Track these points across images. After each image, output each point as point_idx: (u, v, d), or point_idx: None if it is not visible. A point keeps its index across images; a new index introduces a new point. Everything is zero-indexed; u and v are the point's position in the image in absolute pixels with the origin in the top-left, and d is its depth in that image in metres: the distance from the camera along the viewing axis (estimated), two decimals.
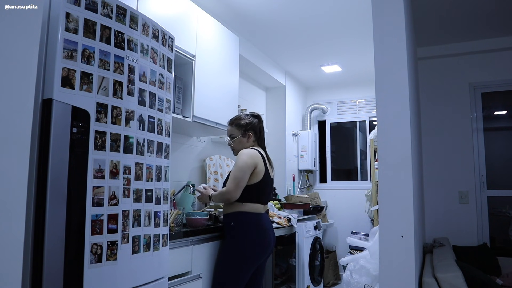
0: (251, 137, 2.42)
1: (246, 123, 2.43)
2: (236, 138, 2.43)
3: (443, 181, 3.74)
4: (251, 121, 2.44)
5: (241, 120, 2.45)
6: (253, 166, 2.27)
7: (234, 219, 2.27)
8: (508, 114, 4.01)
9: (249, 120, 2.44)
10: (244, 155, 2.29)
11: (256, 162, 2.28)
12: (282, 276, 3.72)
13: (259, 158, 2.32)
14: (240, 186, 2.22)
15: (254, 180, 2.28)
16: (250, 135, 2.42)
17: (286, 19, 3.49)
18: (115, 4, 1.51)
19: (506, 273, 3.03)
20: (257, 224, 2.27)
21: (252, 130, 2.43)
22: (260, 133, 2.48)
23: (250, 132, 2.42)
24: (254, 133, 2.43)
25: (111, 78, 1.48)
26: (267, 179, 2.37)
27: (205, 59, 2.79)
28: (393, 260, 1.91)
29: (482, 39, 3.69)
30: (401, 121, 1.98)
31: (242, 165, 2.24)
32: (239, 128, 2.42)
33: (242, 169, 2.23)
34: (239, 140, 2.43)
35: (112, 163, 1.46)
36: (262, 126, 2.50)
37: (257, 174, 2.29)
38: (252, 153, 2.31)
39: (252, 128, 2.43)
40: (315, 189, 5.42)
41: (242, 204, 2.26)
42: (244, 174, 2.23)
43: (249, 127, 2.42)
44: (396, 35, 2.03)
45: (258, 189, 2.30)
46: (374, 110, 4.10)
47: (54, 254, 1.27)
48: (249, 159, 2.27)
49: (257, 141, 2.46)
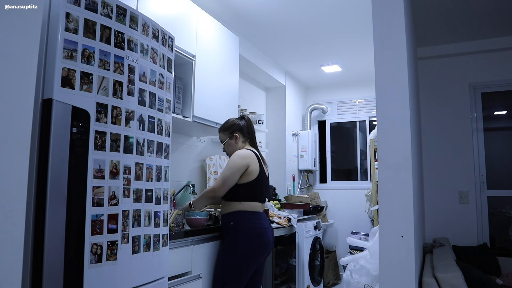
0: (239, 138, 2.44)
1: (230, 125, 2.47)
2: (225, 142, 2.48)
3: (443, 181, 3.74)
4: (235, 123, 2.47)
5: (226, 124, 2.50)
6: (244, 166, 2.29)
7: (233, 218, 2.28)
8: (508, 114, 4.01)
9: (234, 122, 2.48)
10: (235, 156, 2.33)
11: (248, 163, 2.31)
12: (282, 276, 3.72)
13: (252, 158, 2.34)
14: (226, 185, 2.25)
15: (248, 178, 2.30)
16: (237, 136, 2.44)
17: (286, 19, 3.49)
18: (115, 4, 1.51)
19: (506, 273, 3.03)
20: (256, 223, 2.29)
21: (239, 131, 2.45)
22: (249, 133, 2.49)
23: (236, 133, 2.44)
24: (242, 134, 2.46)
25: (111, 78, 1.48)
26: (263, 178, 2.40)
27: (205, 59, 2.79)
28: (393, 260, 1.91)
29: (482, 39, 3.69)
30: (401, 121, 1.98)
31: (232, 165, 2.28)
32: (225, 131, 2.47)
33: (231, 169, 2.27)
34: (228, 143, 2.47)
35: (112, 163, 1.46)
36: (250, 126, 2.51)
37: (251, 173, 2.31)
38: (244, 153, 2.34)
39: (238, 129, 2.45)
40: (315, 189, 5.42)
41: (240, 203, 2.29)
42: (232, 174, 2.26)
43: (234, 129, 2.45)
44: (396, 35, 2.03)
45: (254, 187, 2.33)
46: (374, 110, 4.10)
47: (54, 254, 1.27)
48: (240, 160, 2.30)
49: (248, 142, 2.48)
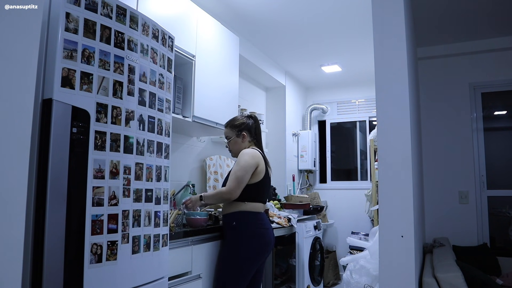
0: (246, 137, 2.43)
1: (239, 123, 2.44)
2: (232, 139, 2.44)
3: (443, 181, 3.74)
4: (244, 122, 2.45)
5: (235, 121, 2.47)
6: (254, 166, 2.28)
7: (236, 218, 2.26)
8: (508, 114, 4.01)
9: (243, 121, 2.45)
10: (246, 155, 2.30)
11: (258, 162, 2.30)
12: (282, 276, 3.72)
13: (260, 158, 2.34)
14: (241, 186, 2.22)
15: (255, 179, 2.29)
16: (245, 135, 2.42)
17: (286, 19, 3.49)
18: (115, 4, 1.51)
19: (506, 273, 3.03)
20: (258, 224, 2.28)
21: (247, 130, 2.43)
22: (256, 133, 2.48)
23: (244, 132, 2.42)
24: (249, 133, 2.44)
25: (111, 78, 1.48)
26: (267, 179, 2.40)
27: (205, 59, 2.79)
28: (393, 260, 1.91)
29: (482, 39, 3.69)
30: (401, 121, 1.98)
31: (245, 165, 2.25)
32: (233, 129, 2.44)
33: (245, 169, 2.24)
34: (234, 140, 2.43)
35: (112, 163, 1.46)
36: (258, 127, 2.50)
37: (259, 174, 2.30)
38: (254, 153, 2.33)
39: (247, 129, 2.43)
40: (315, 189, 5.41)
41: (244, 204, 2.27)
42: (246, 174, 2.24)
43: (243, 127, 2.42)
44: (396, 35, 2.03)
45: (259, 188, 2.32)
46: (374, 110, 4.10)
47: (54, 254, 1.27)
48: (251, 159, 2.28)
49: (254, 142, 2.47)
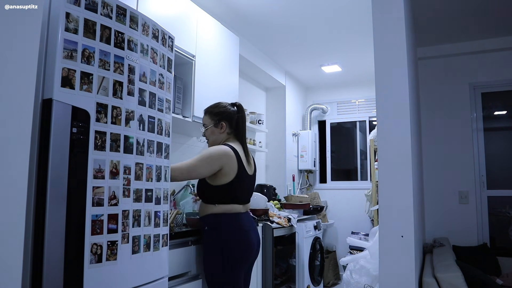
0: (224, 128, 2.13)
1: (220, 111, 2.14)
2: (208, 128, 2.15)
3: (443, 181, 3.74)
4: (226, 110, 2.15)
5: (215, 108, 2.17)
6: (217, 167, 2.00)
7: (208, 223, 2.04)
8: (508, 114, 4.01)
9: (225, 109, 2.15)
10: (214, 152, 2.02)
11: (223, 164, 2.00)
12: (282, 276, 3.72)
13: (229, 157, 2.02)
14: (190, 174, 1.98)
15: (223, 180, 2.01)
16: (223, 125, 2.12)
17: (286, 19, 3.49)
18: (115, 4, 1.51)
19: (506, 273, 3.03)
20: (233, 226, 2.02)
21: (227, 120, 2.13)
22: (238, 125, 2.16)
23: (224, 122, 2.13)
24: (229, 124, 2.14)
25: (111, 78, 1.48)
26: (243, 177, 2.08)
27: (205, 59, 2.79)
28: (393, 260, 1.91)
29: (482, 39, 3.69)
30: (401, 121, 1.98)
31: (204, 158, 2.00)
32: (212, 116, 2.15)
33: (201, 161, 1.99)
34: (211, 130, 2.14)
35: (112, 163, 1.46)
36: (242, 117, 2.18)
37: (226, 175, 2.01)
38: (221, 152, 2.02)
39: (227, 118, 2.13)
40: (315, 189, 5.41)
41: (214, 206, 2.02)
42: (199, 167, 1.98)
43: (223, 116, 2.13)
44: (396, 35, 2.03)
45: (231, 189, 2.03)
46: (374, 110, 4.10)
47: (54, 254, 1.27)
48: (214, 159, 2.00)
49: (233, 134, 2.17)
